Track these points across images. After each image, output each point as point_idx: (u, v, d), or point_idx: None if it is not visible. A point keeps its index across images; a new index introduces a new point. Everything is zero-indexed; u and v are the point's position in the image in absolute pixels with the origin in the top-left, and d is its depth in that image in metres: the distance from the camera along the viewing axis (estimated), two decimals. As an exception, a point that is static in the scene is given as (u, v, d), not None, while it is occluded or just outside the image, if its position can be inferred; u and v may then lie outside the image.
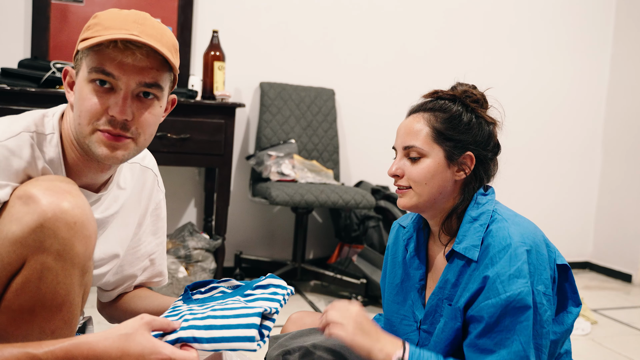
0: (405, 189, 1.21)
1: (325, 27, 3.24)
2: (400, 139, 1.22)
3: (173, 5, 2.96)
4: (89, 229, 0.95)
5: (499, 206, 1.21)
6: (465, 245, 1.15)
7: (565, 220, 3.82)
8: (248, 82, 3.11)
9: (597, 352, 2.36)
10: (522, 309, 1.06)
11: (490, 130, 1.24)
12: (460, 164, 1.20)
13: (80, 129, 1.03)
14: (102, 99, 1.01)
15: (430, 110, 1.21)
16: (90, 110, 1.01)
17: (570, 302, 1.20)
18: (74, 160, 1.08)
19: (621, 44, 3.77)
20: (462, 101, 1.22)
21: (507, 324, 1.07)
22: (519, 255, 1.09)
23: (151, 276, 1.36)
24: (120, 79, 1.01)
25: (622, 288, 3.47)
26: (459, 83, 1.27)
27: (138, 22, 1.02)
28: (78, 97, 1.03)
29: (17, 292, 0.92)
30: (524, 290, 1.06)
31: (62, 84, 2.39)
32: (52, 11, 2.76)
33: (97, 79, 1.01)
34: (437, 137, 1.18)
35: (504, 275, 1.08)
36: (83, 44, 1.01)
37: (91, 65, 1.01)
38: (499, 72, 3.57)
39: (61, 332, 0.97)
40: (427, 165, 1.18)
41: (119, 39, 0.98)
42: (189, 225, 2.61)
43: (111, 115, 1.01)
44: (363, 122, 3.34)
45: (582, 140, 3.84)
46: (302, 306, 2.71)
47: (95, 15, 1.06)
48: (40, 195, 0.92)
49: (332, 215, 3.18)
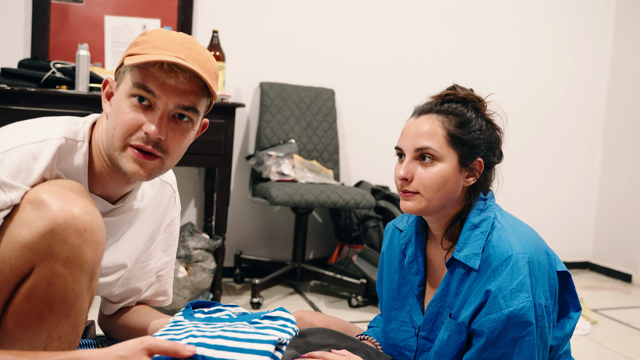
0: (413, 193, 1.16)
1: (326, 27, 3.24)
2: (410, 140, 1.17)
3: (173, 5, 2.96)
4: (99, 236, 0.95)
5: (499, 212, 1.19)
6: (466, 254, 1.14)
7: (565, 221, 3.82)
8: (248, 82, 3.11)
9: (597, 352, 2.36)
10: (524, 324, 1.06)
11: (498, 137, 1.23)
12: (471, 170, 1.18)
13: (112, 141, 1.03)
14: (139, 114, 1.02)
15: (444, 113, 1.17)
16: (125, 124, 1.02)
17: (570, 308, 1.20)
18: (100, 170, 1.08)
19: (621, 44, 3.77)
20: (473, 105, 1.19)
21: (508, 339, 1.06)
22: (521, 268, 1.08)
23: (155, 294, 1.34)
24: (160, 99, 1.02)
25: (622, 288, 3.47)
26: (457, 85, 1.24)
27: (185, 46, 1.04)
28: (115, 109, 1.04)
29: (25, 297, 0.92)
30: (526, 305, 1.05)
31: (61, 84, 2.39)
32: (52, 11, 2.76)
33: (138, 95, 1.02)
34: (452, 141, 1.15)
35: (506, 289, 1.07)
36: (130, 60, 1.01)
37: (134, 81, 1.01)
38: (499, 72, 3.57)
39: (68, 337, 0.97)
40: (440, 170, 1.14)
41: (166, 62, 0.99)
42: (189, 225, 2.60)
43: (145, 132, 1.01)
44: (363, 122, 3.34)
45: (582, 140, 3.84)
46: (302, 306, 2.72)
47: (144, 32, 1.07)
48: (50, 201, 0.92)
49: (332, 215, 3.18)
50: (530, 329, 1.06)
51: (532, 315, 1.06)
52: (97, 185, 1.09)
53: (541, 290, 1.09)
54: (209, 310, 1.14)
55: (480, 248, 1.13)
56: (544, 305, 1.08)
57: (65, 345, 0.97)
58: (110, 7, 2.85)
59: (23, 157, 0.97)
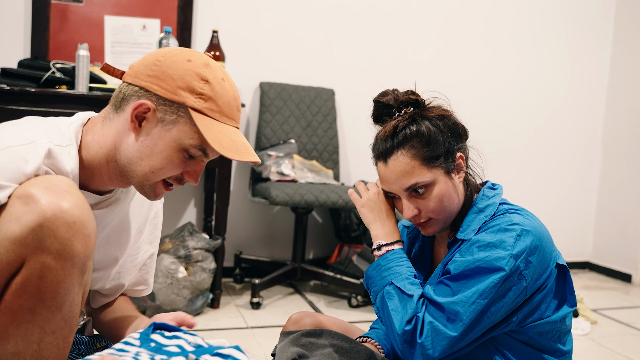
0: (427, 221, 1.21)
1: (325, 27, 3.24)
2: (395, 184, 1.19)
3: (173, 5, 2.96)
4: (89, 229, 0.95)
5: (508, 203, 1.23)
6: (467, 232, 1.18)
7: (565, 220, 3.82)
8: (248, 82, 3.11)
9: (597, 352, 2.36)
10: (488, 270, 1.09)
11: (453, 121, 1.22)
12: (457, 168, 1.21)
13: (149, 176, 1.07)
14: (184, 165, 1.08)
15: (403, 144, 1.17)
16: (170, 172, 1.07)
17: (566, 303, 1.21)
18: (100, 171, 1.09)
19: (621, 44, 3.77)
20: (418, 116, 1.19)
21: (467, 280, 1.11)
22: (510, 230, 1.12)
23: (136, 282, 1.36)
24: (209, 157, 1.10)
25: (622, 288, 3.47)
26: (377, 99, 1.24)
27: (239, 110, 1.11)
28: (162, 152, 1.06)
29: (17, 292, 0.92)
30: (497, 257, 1.09)
31: (61, 84, 2.39)
32: (52, 11, 2.76)
33: (193, 155, 1.07)
34: (429, 162, 1.16)
35: (483, 241, 1.12)
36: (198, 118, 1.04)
37: (198, 143, 1.06)
38: (499, 72, 3.57)
39: (62, 331, 0.97)
40: (437, 192, 1.17)
41: (237, 159, 1.05)
42: (189, 225, 2.60)
43: (187, 179, 1.09)
44: (363, 122, 3.30)
45: (582, 140, 3.85)
46: (302, 306, 2.72)
47: (206, 78, 1.05)
48: (39, 195, 0.92)
49: (331, 215, 3.18)
50: (495, 276, 1.09)
51: (503, 264, 1.09)
52: (88, 182, 1.10)
53: (528, 260, 1.11)
54: (168, 336, 1.08)
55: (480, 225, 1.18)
56: (522, 270, 1.10)
57: (59, 340, 0.97)
58: (110, 7, 2.85)
59: (10, 157, 0.97)
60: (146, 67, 1.06)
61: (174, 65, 1.05)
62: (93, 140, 1.09)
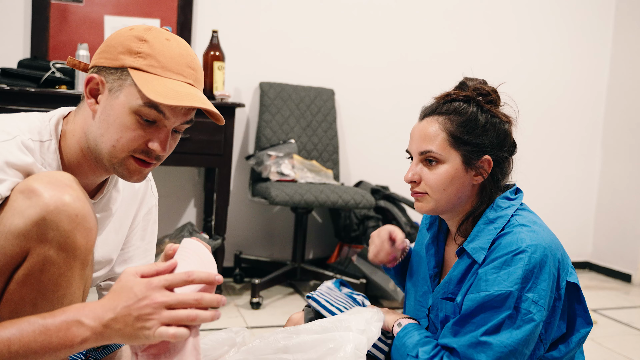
0: (422, 194, 1.19)
1: (325, 27, 3.23)
2: (415, 143, 1.20)
3: (173, 5, 2.96)
4: (90, 222, 0.96)
5: (523, 212, 1.18)
6: (474, 246, 1.15)
7: (564, 220, 3.81)
8: (248, 82, 3.11)
9: (597, 352, 2.36)
10: (498, 309, 1.06)
11: (506, 129, 1.22)
12: (478, 168, 1.18)
13: (113, 151, 1.04)
14: (145, 132, 1.04)
15: (445, 114, 1.18)
16: (131, 141, 1.03)
17: (579, 320, 1.18)
18: (78, 163, 1.09)
19: (621, 44, 3.77)
20: (476, 102, 1.19)
21: (478, 319, 1.08)
22: (517, 260, 1.08)
23: None
24: (169, 119, 1.04)
25: (622, 288, 3.47)
26: (467, 78, 1.23)
27: (191, 67, 1.06)
28: (114, 120, 1.03)
29: (19, 284, 0.93)
30: (505, 292, 1.06)
31: (61, 84, 2.39)
32: (52, 11, 2.76)
33: (146, 114, 1.02)
34: (453, 141, 1.16)
35: (491, 274, 1.09)
36: (137, 75, 1.01)
37: (145, 101, 1.01)
38: (499, 72, 3.57)
39: None
40: (444, 171, 1.16)
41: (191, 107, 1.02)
42: (189, 225, 2.60)
43: (152, 149, 1.04)
44: (363, 122, 3.34)
45: (582, 140, 3.84)
46: (301, 306, 2.71)
47: (143, 38, 1.04)
48: (42, 189, 0.93)
49: (331, 215, 3.18)
50: (505, 315, 1.06)
51: (511, 303, 1.06)
52: None
53: (535, 287, 1.08)
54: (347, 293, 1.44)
55: (489, 242, 1.13)
56: (532, 300, 1.07)
57: None
58: (110, 7, 2.85)
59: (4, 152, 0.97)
60: (99, 49, 1.08)
61: (116, 35, 1.06)
62: (68, 131, 1.09)
